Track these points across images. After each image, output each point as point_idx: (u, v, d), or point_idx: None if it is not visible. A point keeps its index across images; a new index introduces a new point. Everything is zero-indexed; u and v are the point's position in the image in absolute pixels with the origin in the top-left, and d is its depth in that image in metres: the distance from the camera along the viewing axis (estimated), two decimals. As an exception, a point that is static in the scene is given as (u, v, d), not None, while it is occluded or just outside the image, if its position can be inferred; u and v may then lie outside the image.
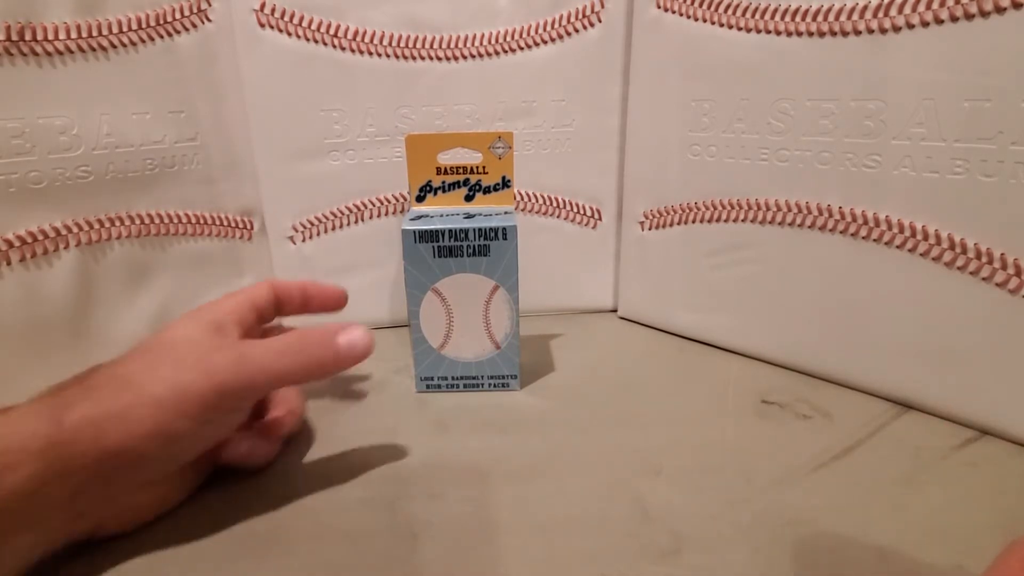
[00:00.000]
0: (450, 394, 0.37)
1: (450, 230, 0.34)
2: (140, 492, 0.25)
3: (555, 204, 0.46)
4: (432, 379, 0.37)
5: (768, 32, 0.35)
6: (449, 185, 0.37)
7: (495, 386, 0.37)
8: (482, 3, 0.41)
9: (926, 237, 0.31)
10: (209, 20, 0.39)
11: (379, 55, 0.41)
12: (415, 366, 0.37)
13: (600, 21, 0.42)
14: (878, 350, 0.34)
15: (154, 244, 0.39)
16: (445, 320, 0.35)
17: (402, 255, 0.34)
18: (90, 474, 0.22)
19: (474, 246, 0.34)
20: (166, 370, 0.23)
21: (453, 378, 0.37)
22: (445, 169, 0.36)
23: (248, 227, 0.43)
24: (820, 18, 0.32)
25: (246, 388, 0.25)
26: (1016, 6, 0.27)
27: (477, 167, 0.36)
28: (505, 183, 0.36)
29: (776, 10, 0.34)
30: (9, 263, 0.32)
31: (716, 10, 0.36)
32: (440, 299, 0.35)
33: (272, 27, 0.39)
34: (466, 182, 0.37)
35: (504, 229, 0.34)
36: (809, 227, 0.35)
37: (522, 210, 0.46)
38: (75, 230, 0.35)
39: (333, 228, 0.44)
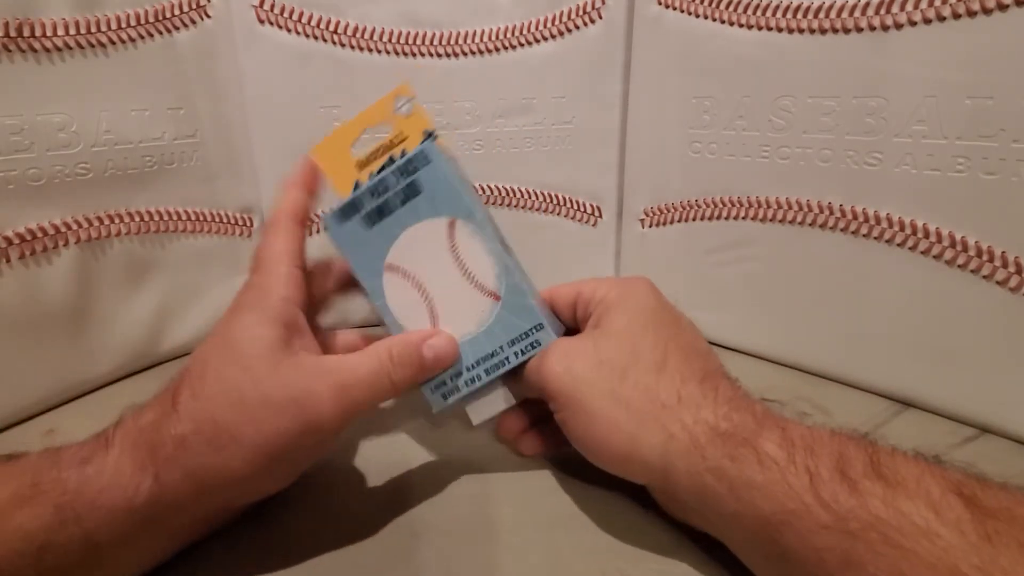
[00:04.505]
0: None
1: (368, 188, 0.28)
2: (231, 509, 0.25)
3: (555, 201, 0.46)
4: (445, 384, 0.28)
5: (769, 29, 0.34)
6: (379, 173, 0.29)
7: (524, 351, 0.27)
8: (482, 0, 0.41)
9: (927, 235, 0.31)
10: (208, 16, 0.39)
11: (379, 51, 0.41)
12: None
13: (601, 18, 0.41)
14: (878, 348, 0.34)
15: (153, 241, 0.39)
16: (419, 296, 0.28)
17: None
18: (186, 511, 0.22)
19: (402, 191, 0.28)
20: (265, 421, 0.22)
21: (469, 368, 0.28)
22: (365, 162, 0.30)
23: (247, 224, 0.43)
24: (822, 15, 0.32)
25: (343, 424, 0.24)
26: (1018, 3, 0.27)
27: (393, 140, 0.30)
28: (431, 137, 0.29)
29: (777, 7, 0.34)
30: (9, 261, 0.32)
31: (717, 7, 0.36)
32: (401, 274, 0.28)
33: (271, 23, 0.39)
34: (391, 160, 0.29)
35: (422, 152, 0.28)
36: (810, 225, 0.35)
37: (521, 207, 0.46)
38: (74, 227, 0.35)
39: (333, 225, 0.44)
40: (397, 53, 0.41)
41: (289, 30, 0.39)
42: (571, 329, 0.30)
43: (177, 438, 0.22)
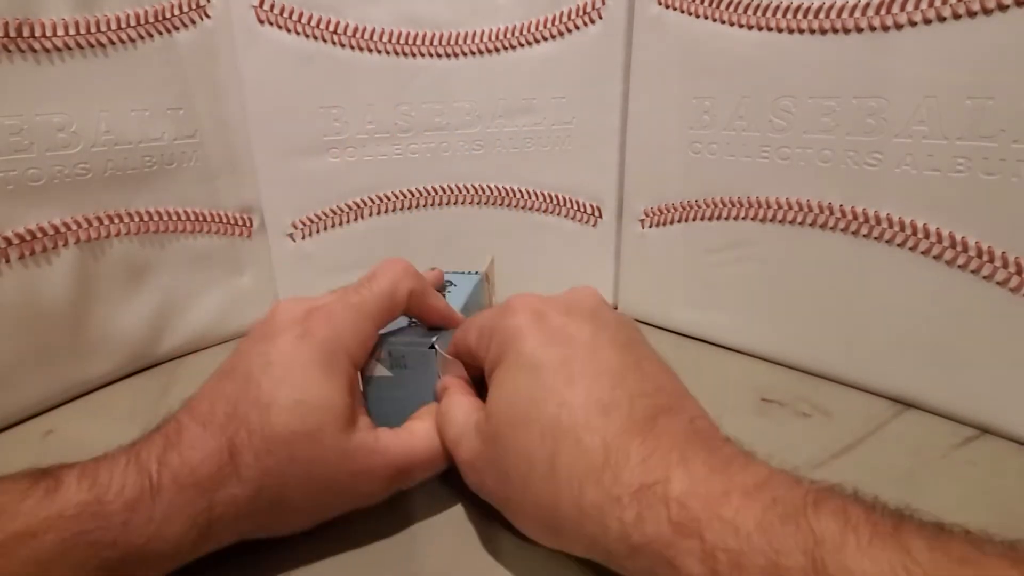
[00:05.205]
0: None
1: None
2: None
3: (555, 202, 0.46)
4: None
5: (769, 29, 0.34)
6: None
7: None
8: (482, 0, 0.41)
9: (927, 235, 0.31)
10: (208, 16, 0.39)
11: (379, 52, 0.41)
12: None
13: (601, 18, 0.41)
14: (878, 348, 0.34)
15: (153, 242, 0.39)
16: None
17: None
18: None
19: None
20: (324, 501, 0.24)
21: None
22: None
23: (247, 224, 0.43)
24: (822, 15, 0.32)
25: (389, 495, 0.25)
26: (1019, 3, 0.27)
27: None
28: None
29: (778, 7, 0.34)
30: (8, 261, 0.32)
31: (717, 7, 0.36)
32: None
33: (271, 23, 0.39)
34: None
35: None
36: (810, 225, 0.35)
37: (521, 207, 0.46)
38: (74, 228, 0.35)
39: (333, 225, 0.44)
40: (397, 53, 0.41)
41: (289, 30, 0.39)
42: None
43: (235, 499, 0.22)
